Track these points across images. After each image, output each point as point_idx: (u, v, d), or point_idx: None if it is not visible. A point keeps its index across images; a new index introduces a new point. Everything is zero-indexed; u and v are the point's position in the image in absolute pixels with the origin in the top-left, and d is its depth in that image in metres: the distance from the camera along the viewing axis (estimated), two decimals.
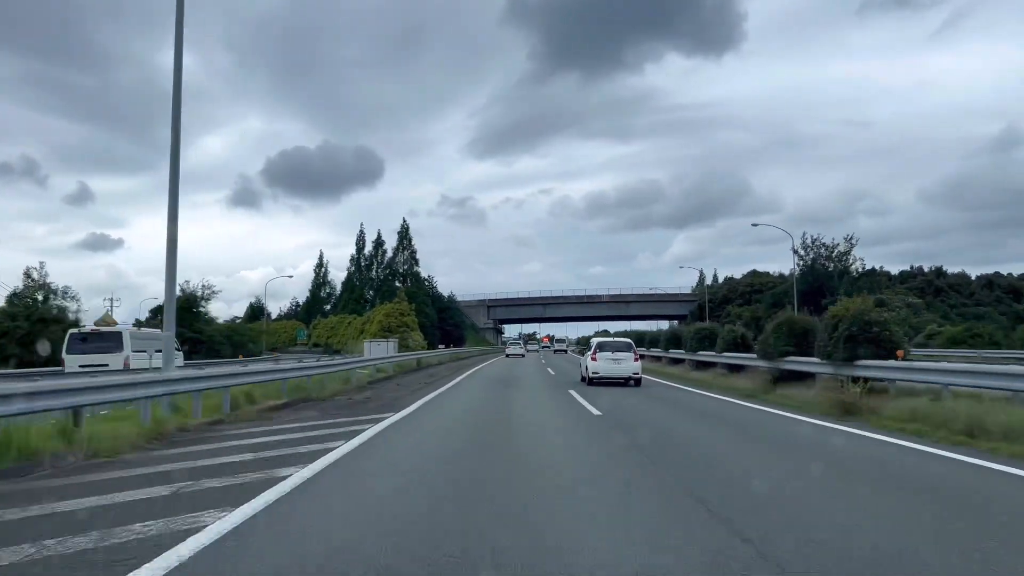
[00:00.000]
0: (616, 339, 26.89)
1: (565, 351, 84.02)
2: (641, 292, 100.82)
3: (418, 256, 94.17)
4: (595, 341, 24.77)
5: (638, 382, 20.74)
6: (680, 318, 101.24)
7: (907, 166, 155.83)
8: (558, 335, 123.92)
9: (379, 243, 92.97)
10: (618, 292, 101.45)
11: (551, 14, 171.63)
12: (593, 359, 21.68)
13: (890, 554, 4.10)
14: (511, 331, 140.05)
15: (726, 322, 47.62)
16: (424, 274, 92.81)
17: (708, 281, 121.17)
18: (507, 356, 60.76)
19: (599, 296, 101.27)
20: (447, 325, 74.15)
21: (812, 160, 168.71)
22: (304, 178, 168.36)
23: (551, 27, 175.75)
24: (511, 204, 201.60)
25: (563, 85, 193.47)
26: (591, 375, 21.28)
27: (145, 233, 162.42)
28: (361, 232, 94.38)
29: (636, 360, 21.12)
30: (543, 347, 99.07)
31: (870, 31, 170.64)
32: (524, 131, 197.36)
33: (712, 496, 5.65)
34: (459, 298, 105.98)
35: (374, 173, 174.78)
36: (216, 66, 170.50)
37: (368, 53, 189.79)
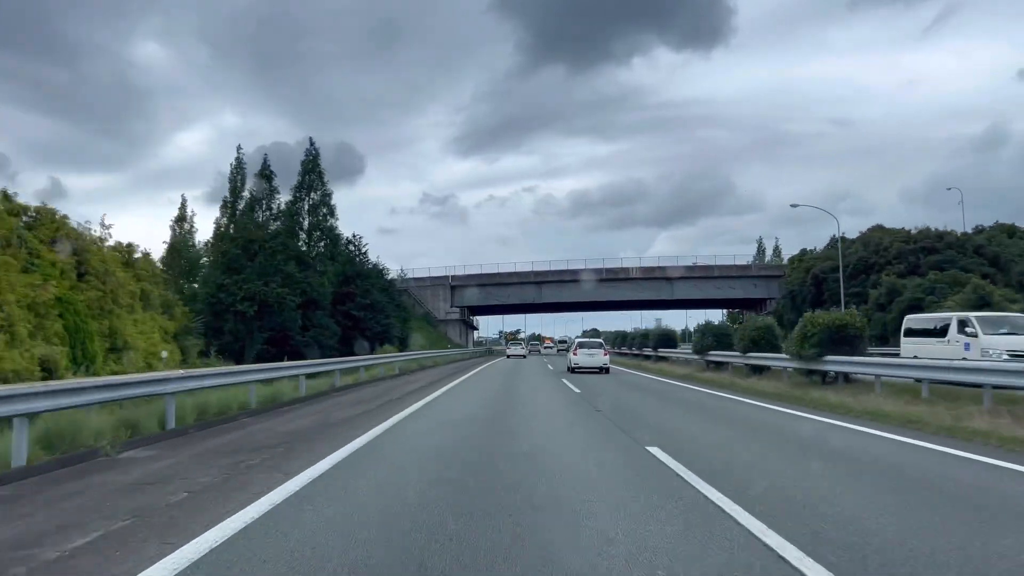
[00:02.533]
0: (591, 339, 36.95)
1: (568, 351, 57.20)
2: (689, 264, 64.53)
3: (334, 203, 58.20)
4: (576, 340, 34.73)
5: (607, 370, 27.51)
6: (753, 304, 65.09)
7: (891, 165, 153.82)
8: (546, 334, 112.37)
9: (267, 176, 55.89)
10: (655, 264, 65.11)
11: (539, 2, 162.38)
12: (574, 354, 28.62)
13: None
14: (488, 326, 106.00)
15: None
16: (348, 234, 57.23)
17: (769, 253, 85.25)
18: (508, 356, 53.45)
19: (626, 270, 64.85)
20: (356, 309, 37.33)
21: (796, 159, 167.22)
22: (284, 174, 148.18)
23: (539, 17, 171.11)
24: (495, 202, 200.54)
25: (549, 79, 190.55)
26: (573, 365, 27.93)
27: (120, 231, 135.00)
28: (238, 159, 56.70)
29: (605, 355, 28.52)
30: (546, 348, 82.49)
31: (859, 27, 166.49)
32: (508, 128, 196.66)
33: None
34: (412, 275, 69.35)
35: (355, 170, 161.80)
36: (191, 59, 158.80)
37: (348, 46, 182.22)
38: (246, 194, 56.14)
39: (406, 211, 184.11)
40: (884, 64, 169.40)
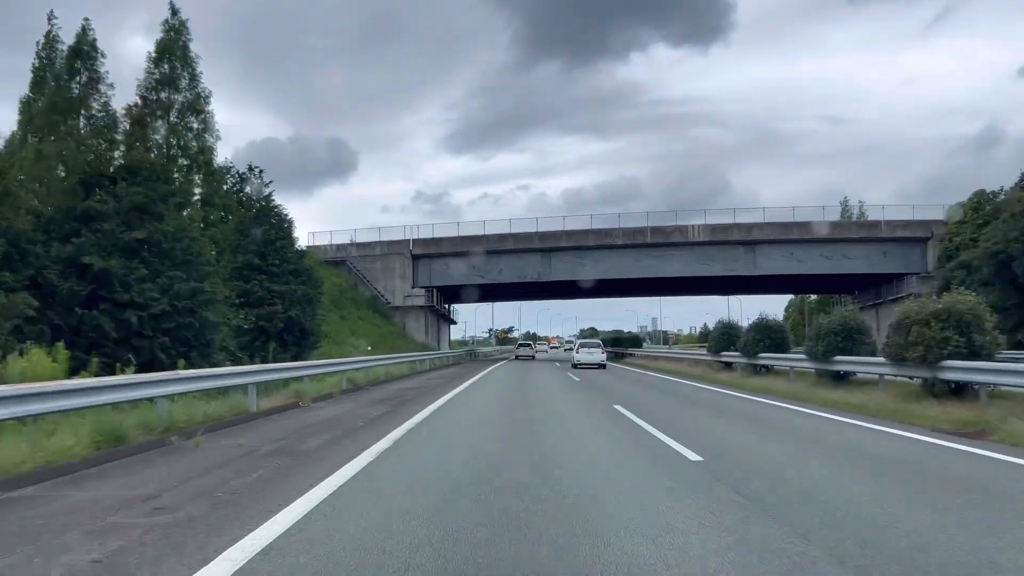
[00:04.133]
0: (591, 339, 45.94)
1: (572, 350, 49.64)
2: (783, 221, 41.48)
3: (212, 110, 36.37)
4: (579, 341, 40.88)
5: (604, 366, 31.12)
6: (876, 282, 42.58)
7: (885, 165, 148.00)
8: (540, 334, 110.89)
9: (84, 52, 33.02)
10: (729, 222, 42.06)
11: None
12: (576, 352, 33.11)
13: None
14: (476, 322, 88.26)
15: None
16: (237, 164, 36.28)
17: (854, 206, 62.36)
18: (516, 357, 48.50)
19: (682, 230, 41.79)
20: (104, 256, 14.12)
21: (790, 157, 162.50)
22: (274, 171, 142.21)
23: (535, 9, 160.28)
24: (488, 200, 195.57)
25: (544, 75, 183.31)
26: (576, 361, 31.62)
27: None
28: (48, 37, 33.48)
29: (603, 353, 32.91)
30: (552, 348, 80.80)
31: (858, 25, 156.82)
32: (502, 125, 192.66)
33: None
34: (355, 239, 46.90)
35: (348, 166, 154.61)
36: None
37: (340, 41, 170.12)
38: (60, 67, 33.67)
39: (398, 209, 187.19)
40: (881, 62, 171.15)
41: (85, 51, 32.40)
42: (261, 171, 37.06)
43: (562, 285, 45.12)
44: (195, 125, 34.88)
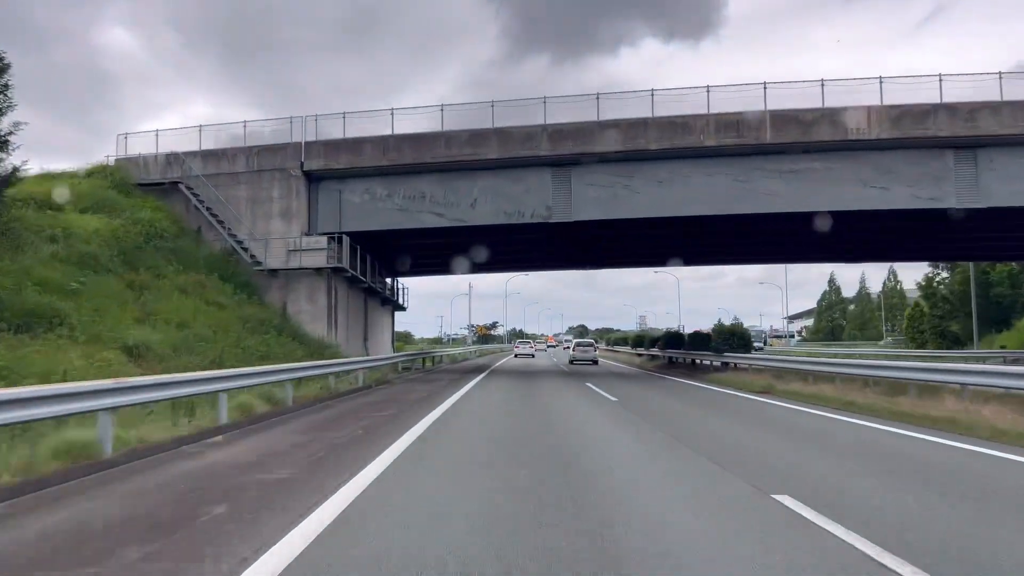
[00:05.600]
0: (585, 339, 53.67)
1: (569, 349, 47.79)
2: None
3: None
4: (574, 341, 48.35)
5: (596, 362, 37.33)
6: None
7: None
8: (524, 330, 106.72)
9: None
10: (924, 101, 21.67)
11: None
12: (572, 351, 39.96)
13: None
14: (450, 313, 78.82)
15: None
16: None
17: None
18: (516, 356, 49.94)
19: (837, 118, 21.16)
20: None
21: None
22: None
23: (524, 2, 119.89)
24: None
25: (533, 69, 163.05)
26: (572, 358, 38.24)
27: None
28: None
29: (595, 351, 40.03)
30: (550, 346, 79.71)
31: (851, 22, 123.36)
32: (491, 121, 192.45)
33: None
34: (194, 147, 25.06)
35: None
36: (161, 47, 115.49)
37: (325, 35, 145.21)
38: None
39: None
40: (873, 61, 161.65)
41: None
42: None
43: (590, 232, 24.40)
44: None
